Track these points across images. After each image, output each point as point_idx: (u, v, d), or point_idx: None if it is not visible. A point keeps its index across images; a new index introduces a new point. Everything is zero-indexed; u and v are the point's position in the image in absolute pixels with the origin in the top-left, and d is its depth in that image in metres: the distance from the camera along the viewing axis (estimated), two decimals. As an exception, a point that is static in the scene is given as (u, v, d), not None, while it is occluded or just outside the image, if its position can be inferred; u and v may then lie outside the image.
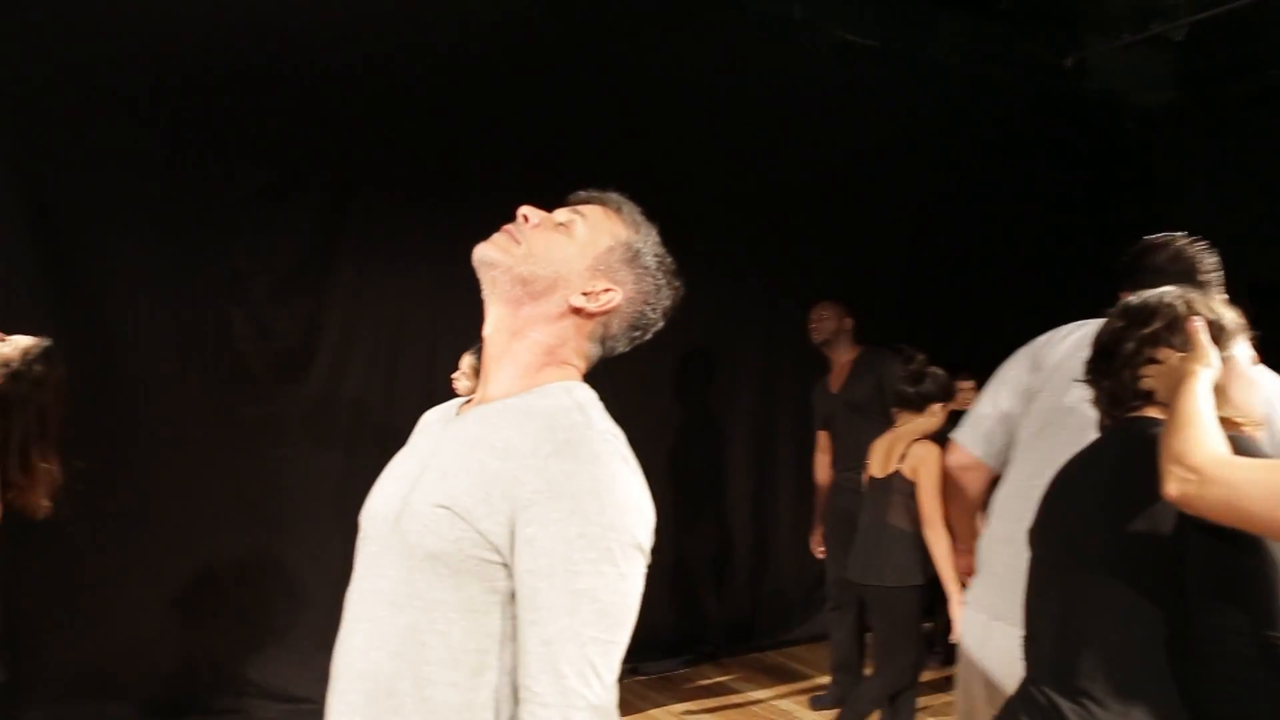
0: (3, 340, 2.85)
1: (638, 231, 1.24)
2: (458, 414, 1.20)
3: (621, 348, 1.25)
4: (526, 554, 1.00)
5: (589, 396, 1.15)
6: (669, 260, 1.27)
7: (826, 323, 4.13)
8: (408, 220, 3.95)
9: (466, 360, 3.20)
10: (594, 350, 1.22)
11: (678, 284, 1.27)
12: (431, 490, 1.07)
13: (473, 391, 1.27)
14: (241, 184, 3.74)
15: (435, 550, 1.03)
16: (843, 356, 4.14)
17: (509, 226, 1.20)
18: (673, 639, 4.61)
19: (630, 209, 1.25)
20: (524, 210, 1.20)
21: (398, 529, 1.08)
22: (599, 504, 1.01)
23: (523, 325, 1.17)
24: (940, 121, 5.03)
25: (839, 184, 4.87)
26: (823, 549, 4.16)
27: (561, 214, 1.23)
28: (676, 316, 4.78)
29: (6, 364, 2.81)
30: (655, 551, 4.36)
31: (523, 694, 1.00)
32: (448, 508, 1.04)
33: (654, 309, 1.25)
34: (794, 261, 4.84)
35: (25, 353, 2.84)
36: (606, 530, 1.01)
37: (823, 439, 4.21)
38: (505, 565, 1.02)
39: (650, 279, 1.23)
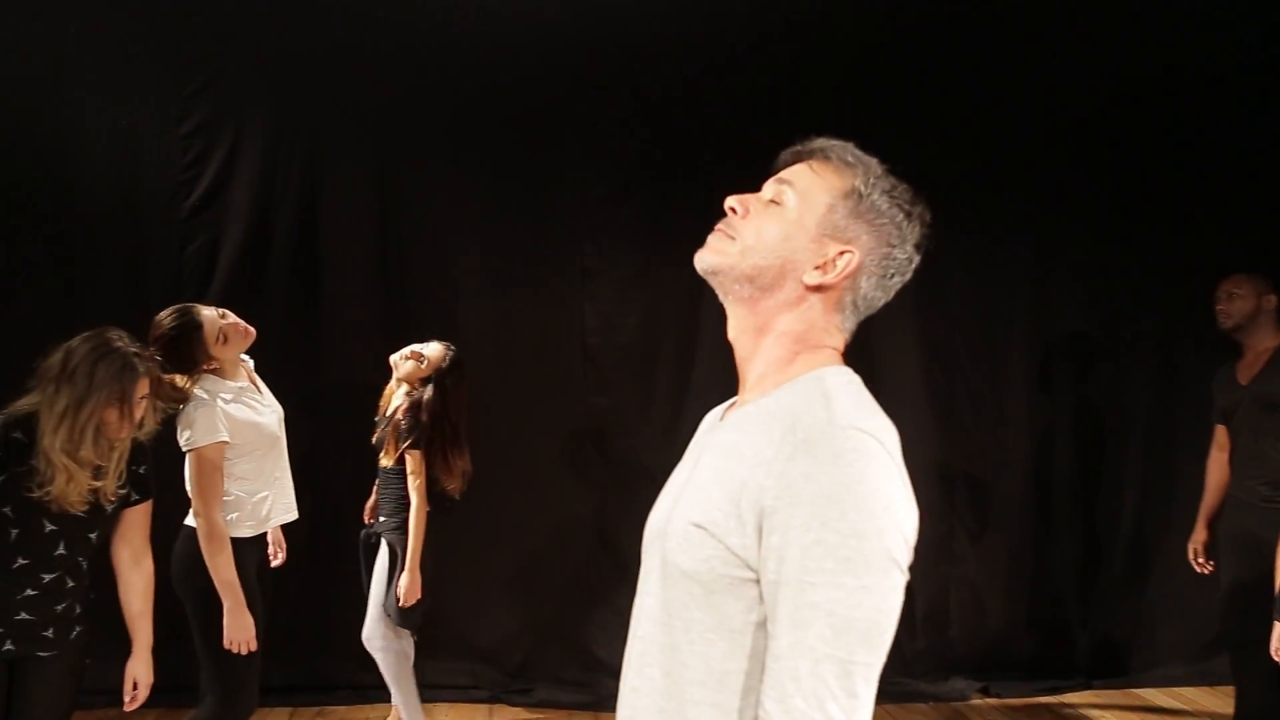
0: (419, 357, 3.22)
1: (855, 174, 1.07)
2: (721, 419, 1.15)
3: (881, 300, 1.10)
4: (770, 564, 0.92)
5: (841, 383, 1.02)
6: (902, 187, 1.08)
7: (1240, 302, 3.37)
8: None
9: None
10: (848, 319, 1.09)
11: (920, 208, 1.08)
12: (688, 505, 1.02)
13: None
14: (591, 188, 4.00)
15: (688, 569, 0.98)
16: (1261, 343, 3.39)
17: (720, 225, 1.11)
18: (1031, 660, 4.15)
19: (840, 150, 1.09)
20: (729, 202, 1.11)
21: (662, 545, 1.05)
22: (838, 508, 0.89)
23: (765, 320, 1.08)
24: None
25: (1256, 129, 4.06)
26: (1204, 563, 3.50)
27: (768, 189, 1.11)
28: (1039, 299, 4.27)
29: (426, 380, 3.22)
30: (1013, 559, 3.92)
31: (759, 711, 0.93)
32: (700, 525, 0.98)
33: (901, 248, 1.07)
34: (1199, 228, 4.10)
35: (438, 365, 3.24)
36: (847, 538, 0.88)
37: (1221, 434, 3.51)
38: (759, 582, 0.95)
39: (886, 220, 1.06)
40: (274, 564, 3.09)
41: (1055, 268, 4.15)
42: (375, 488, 3.44)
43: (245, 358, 2.89)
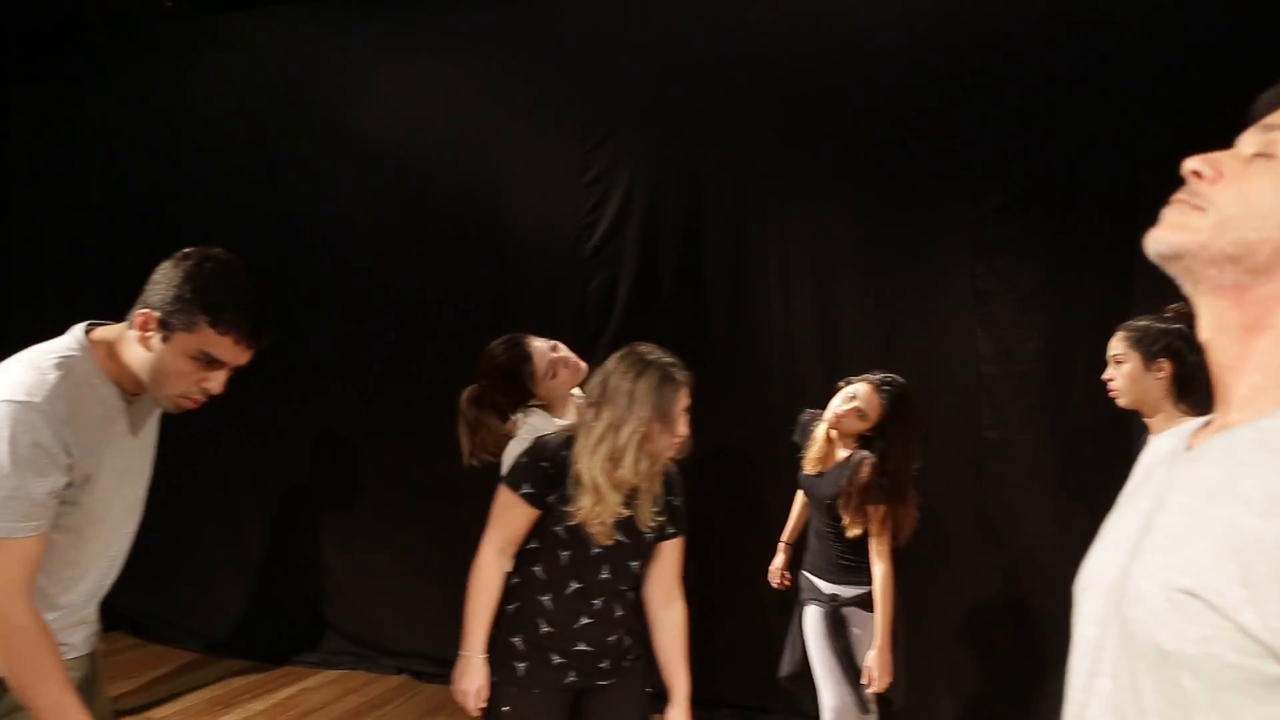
0: (861, 414, 2.83)
1: None
2: (1187, 448, 0.86)
3: None
4: None
5: None
6: None
7: None
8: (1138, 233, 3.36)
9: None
10: None
11: None
12: (1160, 562, 0.77)
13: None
14: (982, 200, 3.68)
15: (1172, 651, 0.72)
16: None
17: (1179, 195, 0.84)
18: None
19: None
20: (1192, 164, 0.83)
21: (1118, 612, 0.79)
22: None
23: (1260, 313, 0.80)
24: None
25: None
26: None
27: (1250, 140, 0.82)
28: None
29: (873, 429, 2.84)
30: None
31: None
32: (1192, 593, 0.72)
33: None
34: None
35: (879, 413, 2.82)
36: None
37: None
38: None
39: None
40: None
41: None
42: (786, 546, 3.26)
43: (577, 392, 2.70)
